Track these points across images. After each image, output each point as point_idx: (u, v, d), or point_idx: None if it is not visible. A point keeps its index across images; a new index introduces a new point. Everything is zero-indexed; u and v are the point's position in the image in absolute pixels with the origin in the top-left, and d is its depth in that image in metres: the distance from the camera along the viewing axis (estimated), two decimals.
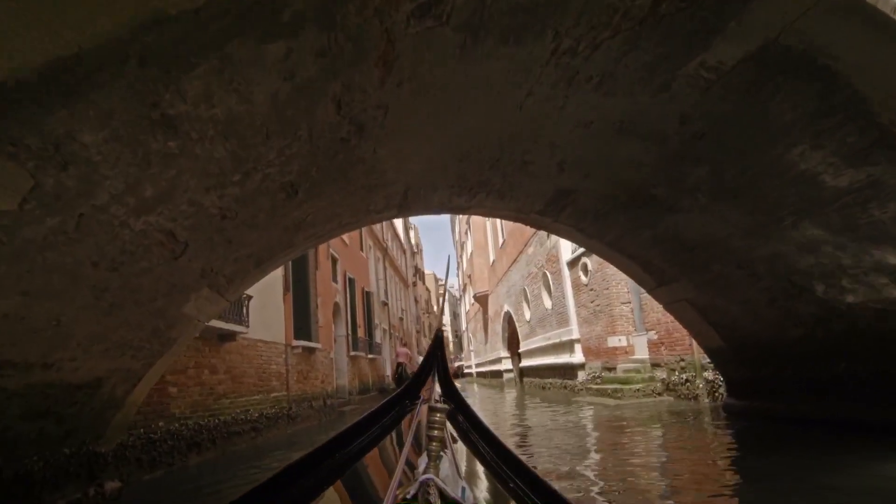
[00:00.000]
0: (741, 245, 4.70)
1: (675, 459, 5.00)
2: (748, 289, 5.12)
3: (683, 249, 5.22)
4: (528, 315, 19.97)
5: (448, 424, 2.11)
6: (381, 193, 4.45)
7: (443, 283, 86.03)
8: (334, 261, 16.01)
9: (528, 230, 17.99)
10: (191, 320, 4.16)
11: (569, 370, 14.56)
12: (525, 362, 21.03)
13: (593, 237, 5.83)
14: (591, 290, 12.89)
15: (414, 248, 50.33)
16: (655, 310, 9.76)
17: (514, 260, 21.47)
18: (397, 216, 5.36)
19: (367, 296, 20.17)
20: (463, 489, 1.43)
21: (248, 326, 7.91)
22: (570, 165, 4.45)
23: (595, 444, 6.28)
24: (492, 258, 28.69)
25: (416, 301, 46.40)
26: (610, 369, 12.07)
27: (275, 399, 9.52)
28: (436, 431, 1.36)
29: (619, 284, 11.98)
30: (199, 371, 6.92)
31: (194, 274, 3.53)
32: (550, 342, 16.41)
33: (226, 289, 4.27)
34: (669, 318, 9.23)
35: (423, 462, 1.36)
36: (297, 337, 11.07)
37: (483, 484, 1.86)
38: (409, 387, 2.77)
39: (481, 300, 32.56)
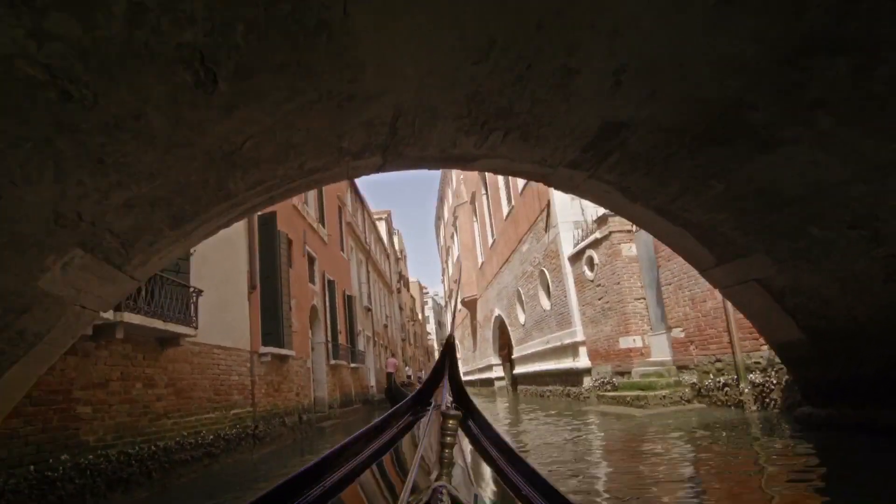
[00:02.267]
0: (864, 193, 3.38)
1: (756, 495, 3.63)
2: (858, 258, 3.80)
3: (771, 207, 3.88)
4: (522, 318, 18.61)
5: (460, 431, 2.04)
6: (358, 116, 3.03)
7: (427, 291, 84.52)
8: (311, 260, 14.48)
9: (523, 226, 16.67)
10: (64, 305, 2.69)
11: (572, 376, 13.20)
12: (519, 369, 19.62)
13: (638, 199, 4.46)
14: (598, 285, 11.57)
15: (398, 253, 48.78)
16: (682, 303, 8.46)
17: (506, 260, 20.13)
18: (382, 168, 3.94)
19: (349, 300, 18.64)
20: (476, 496, 1.48)
21: (196, 328, 6.38)
22: (633, 75, 3.08)
23: (634, 473, 4.89)
24: (480, 260, 27.34)
25: (401, 308, 44.78)
26: (622, 374, 10.73)
27: (236, 416, 7.97)
28: (448, 438, 1.32)
29: (632, 278, 10.68)
30: (127, 384, 5.38)
31: (39, 216, 2.09)
32: (549, 346, 15.05)
33: (123, 256, 2.81)
34: (701, 311, 7.93)
35: (435, 469, 1.35)
36: (265, 343, 9.53)
37: (495, 491, 1.79)
38: (420, 393, 2.67)
39: (469, 305, 31.12)
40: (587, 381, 12.39)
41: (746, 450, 5.17)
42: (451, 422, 1.35)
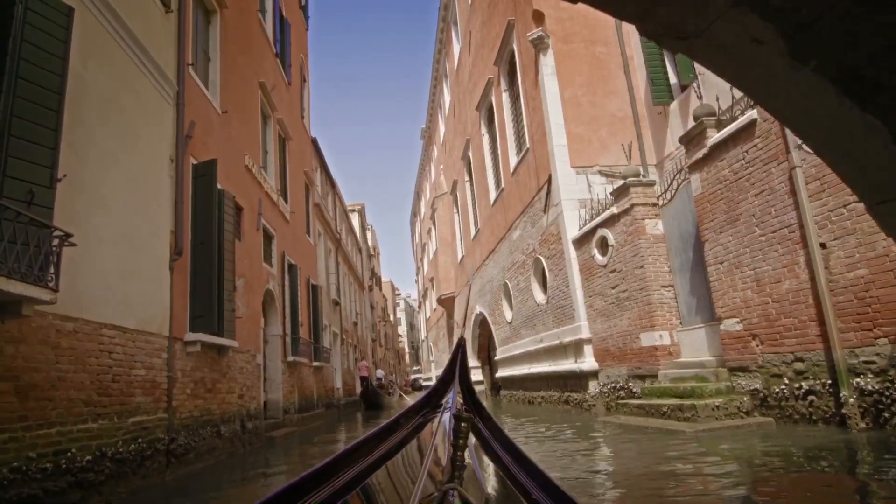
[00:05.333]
0: None
1: None
2: None
3: None
4: (508, 315, 16.62)
5: (471, 434, 2.04)
6: None
7: (399, 292, 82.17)
8: (268, 236, 12.21)
9: (514, 209, 14.68)
10: None
11: (573, 380, 11.24)
12: (503, 372, 17.62)
13: (812, 56, 2.47)
14: (613, 271, 9.65)
15: (371, 249, 46.45)
16: (740, 286, 6.55)
17: (492, 251, 18.15)
18: None
19: (314, 290, 16.36)
20: (486, 499, 1.64)
21: (55, 290, 4.14)
22: None
23: None
24: (460, 255, 25.32)
25: (373, 307, 42.46)
26: (643, 377, 8.82)
27: (139, 426, 5.71)
28: (459, 440, 1.34)
29: (658, 261, 8.79)
30: None
31: None
32: (543, 345, 13.09)
33: None
34: (772, 295, 6.03)
35: (446, 471, 1.36)
36: (194, 328, 7.28)
37: (506, 494, 1.78)
38: (431, 395, 2.69)
39: (446, 303, 29.06)
40: (593, 386, 10.44)
41: None
42: (462, 424, 1.37)
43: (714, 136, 6.91)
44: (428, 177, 36.99)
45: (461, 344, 2.82)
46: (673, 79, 11.20)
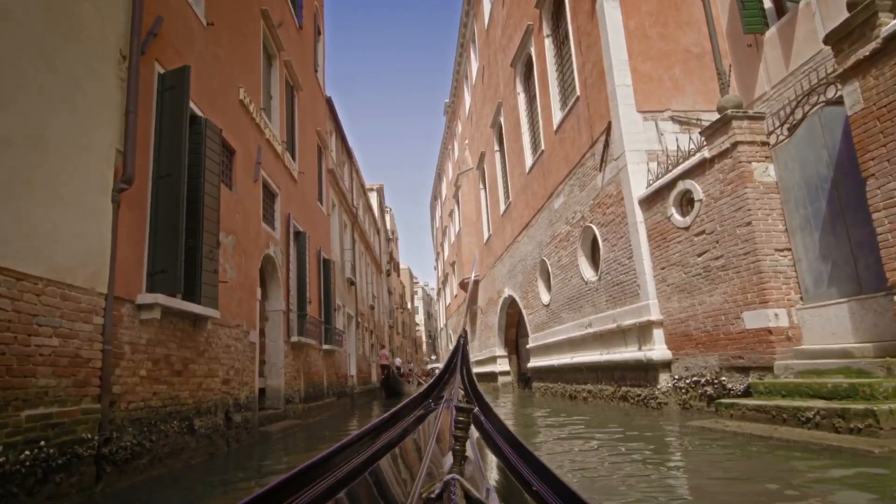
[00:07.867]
0: None
1: None
2: None
3: None
4: (545, 297, 14.54)
5: (472, 425, 1.94)
6: None
7: (417, 280, 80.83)
8: (270, 193, 10.31)
9: (557, 173, 12.53)
10: None
11: (636, 372, 9.16)
12: (536, 362, 15.56)
13: None
14: (701, 233, 7.52)
15: (389, 233, 44.56)
16: None
17: (526, 225, 16.05)
18: None
19: (326, 264, 14.46)
20: (487, 490, 1.48)
21: None
22: None
23: None
24: (487, 234, 23.24)
25: (390, 293, 40.65)
26: (745, 370, 6.71)
27: (42, 421, 3.80)
28: (460, 431, 1.36)
29: (771, 216, 6.63)
30: None
31: None
32: (592, 330, 11.01)
33: None
34: None
35: (447, 462, 1.38)
36: (153, 287, 5.37)
37: (507, 485, 1.79)
38: (432, 386, 2.75)
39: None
40: (664, 380, 8.36)
41: None
42: (463, 416, 1.37)
43: (892, 23, 4.75)
44: (451, 155, 34.88)
45: (463, 336, 2.93)
46: (767, 2, 8.98)
